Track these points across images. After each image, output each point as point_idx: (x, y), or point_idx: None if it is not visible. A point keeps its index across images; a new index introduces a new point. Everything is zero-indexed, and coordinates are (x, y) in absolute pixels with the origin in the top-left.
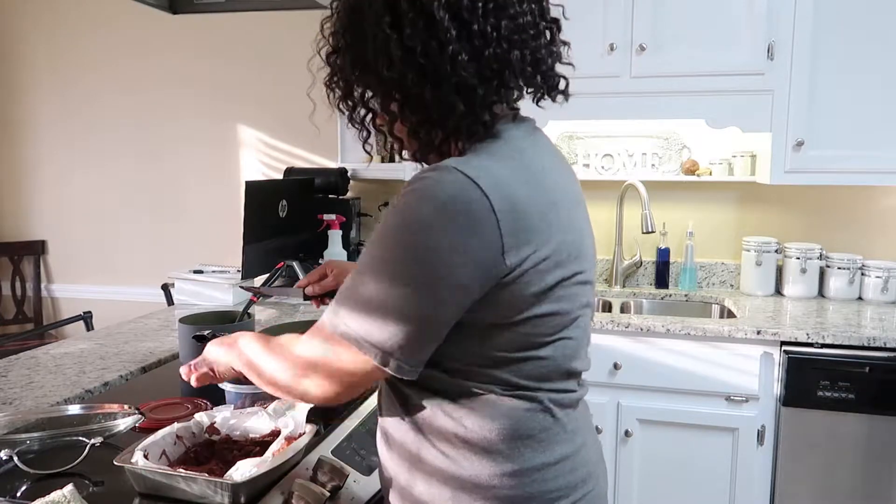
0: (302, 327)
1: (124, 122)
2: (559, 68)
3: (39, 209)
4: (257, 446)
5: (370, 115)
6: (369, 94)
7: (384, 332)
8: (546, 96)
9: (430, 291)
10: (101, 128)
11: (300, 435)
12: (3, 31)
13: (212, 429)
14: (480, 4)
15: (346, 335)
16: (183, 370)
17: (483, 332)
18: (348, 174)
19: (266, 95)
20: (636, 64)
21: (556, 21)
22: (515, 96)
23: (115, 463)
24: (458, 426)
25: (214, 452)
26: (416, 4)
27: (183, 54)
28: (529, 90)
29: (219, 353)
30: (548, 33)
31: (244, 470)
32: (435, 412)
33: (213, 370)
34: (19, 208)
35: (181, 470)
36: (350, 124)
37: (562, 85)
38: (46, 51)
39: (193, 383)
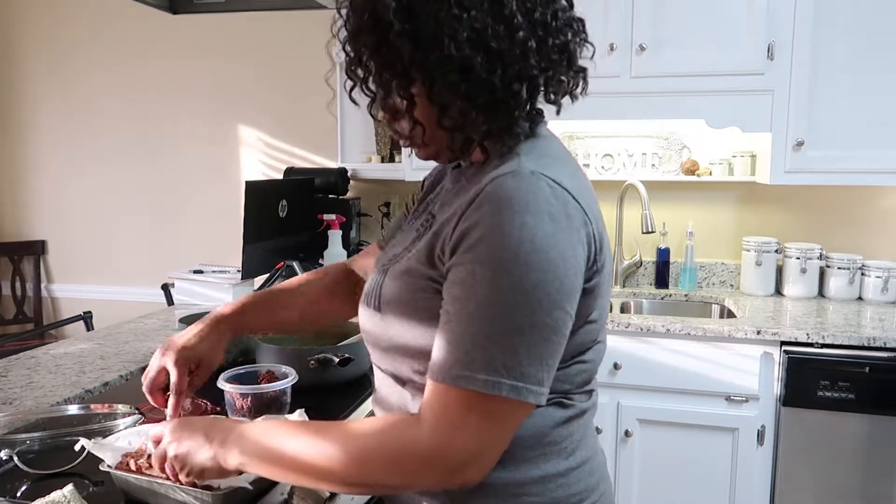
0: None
1: (124, 121)
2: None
3: (39, 209)
4: None
5: (404, 102)
6: (407, 78)
7: (534, 362)
8: (573, 92)
9: (563, 305)
10: (101, 127)
11: None
12: (3, 31)
13: None
14: None
15: (512, 389)
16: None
17: None
18: (348, 174)
19: (266, 95)
20: (636, 64)
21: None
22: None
23: (101, 468)
24: None
25: None
26: None
27: (183, 54)
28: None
29: (199, 452)
30: (577, 26)
31: (229, 480)
32: None
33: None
34: (19, 208)
35: (167, 480)
36: (373, 110)
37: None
38: (46, 50)
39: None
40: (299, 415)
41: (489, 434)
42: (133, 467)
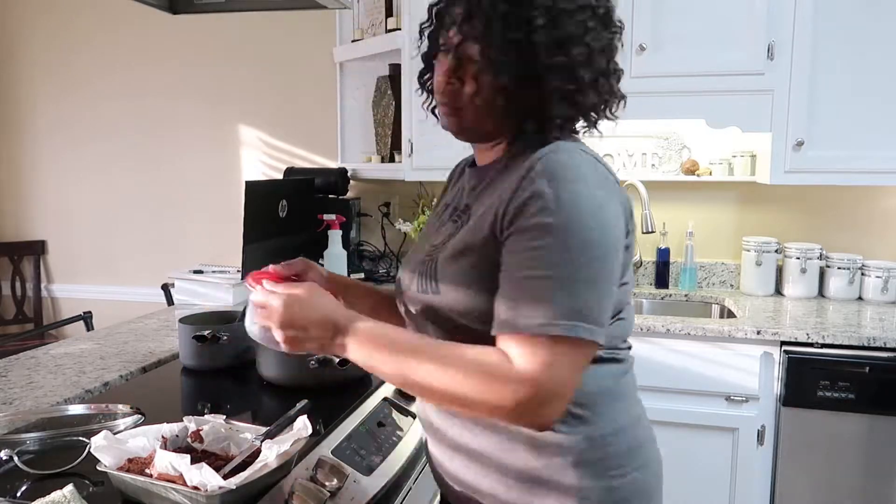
0: None
1: (124, 122)
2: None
3: (39, 209)
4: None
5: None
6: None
7: (600, 307)
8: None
9: (616, 259)
10: (101, 128)
11: (293, 443)
12: (4, 31)
13: (196, 435)
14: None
15: (586, 331)
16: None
17: None
18: (348, 174)
19: (266, 95)
20: (636, 64)
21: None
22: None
23: (98, 469)
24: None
25: (192, 460)
26: None
27: (183, 54)
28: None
29: (323, 324)
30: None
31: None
32: None
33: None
34: (19, 208)
35: (161, 481)
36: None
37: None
38: (47, 50)
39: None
40: (303, 423)
41: (570, 370)
42: (128, 466)
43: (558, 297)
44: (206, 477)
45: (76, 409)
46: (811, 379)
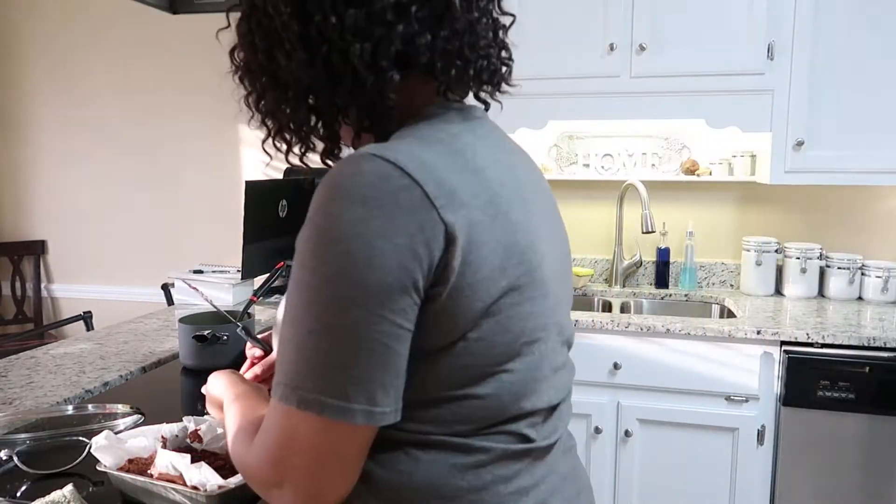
0: None
1: (125, 121)
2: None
3: (39, 209)
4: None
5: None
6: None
7: (331, 371)
8: (485, 84)
9: (366, 304)
10: (101, 128)
11: None
12: (4, 31)
13: (194, 435)
14: None
15: (304, 401)
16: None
17: (413, 361)
18: None
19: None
20: (636, 64)
21: None
22: (442, 89)
23: (98, 469)
24: (366, 481)
25: (192, 460)
26: None
27: (183, 54)
28: (449, 82)
29: (216, 388)
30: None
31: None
32: None
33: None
34: (19, 208)
35: (161, 481)
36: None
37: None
38: (47, 51)
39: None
40: None
41: (290, 452)
42: (128, 466)
43: (284, 351)
44: (205, 476)
45: (76, 410)
46: (811, 379)
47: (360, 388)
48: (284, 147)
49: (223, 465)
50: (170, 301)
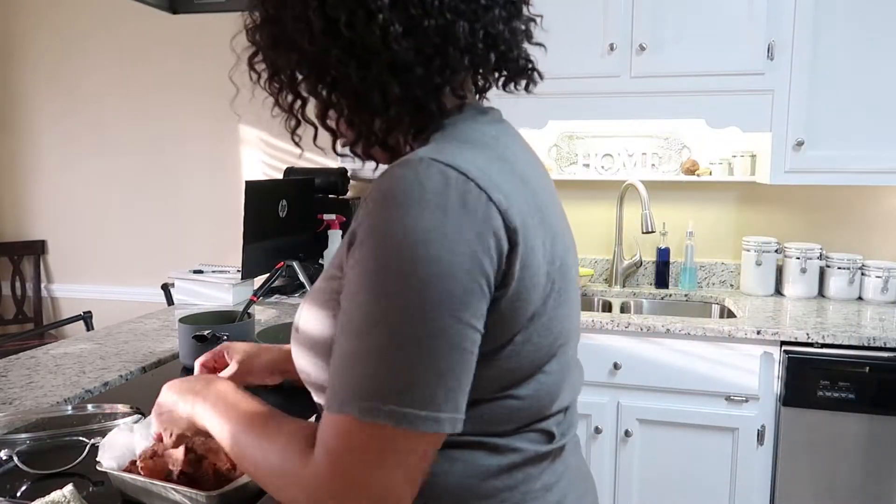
0: None
1: (124, 121)
2: (528, 50)
3: (39, 209)
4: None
5: (298, 101)
6: (299, 76)
7: (420, 381)
8: (510, 83)
9: (455, 312)
10: (101, 127)
11: None
12: (4, 31)
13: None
14: None
15: (394, 416)
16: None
17: None
18: (348, 174)
19: (266, 95)
20: (636, 64)
21: None
22: (480, 84)
23: (98, 469)
24: None
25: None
26: None
27: (183, 54)
28: (486, 74)
29: (174, 400)
30: (507, 5)
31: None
32: None
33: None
34: (19, 208)
35: (160, 481)
36: (278, 110)
37: (526, 69)
38: (46, 51)
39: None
40: None
41: (371, 465)
42: (130, 467)
43: (360, 365)
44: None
45: (76, 410)
46: (811, 379)
47: (450, 396)
48: (351, 132)
49: (223, 464)
50: (170, 301)
